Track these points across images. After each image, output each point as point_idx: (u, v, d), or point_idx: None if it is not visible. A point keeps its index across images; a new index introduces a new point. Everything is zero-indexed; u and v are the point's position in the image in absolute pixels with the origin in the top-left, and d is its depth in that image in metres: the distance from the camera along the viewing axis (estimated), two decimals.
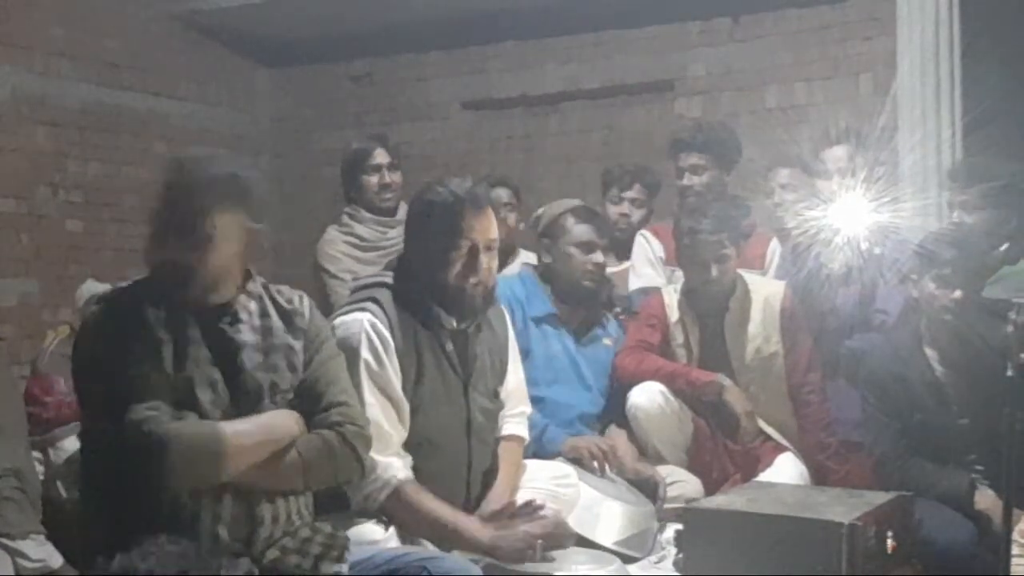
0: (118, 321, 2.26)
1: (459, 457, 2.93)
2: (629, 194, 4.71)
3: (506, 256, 4.36)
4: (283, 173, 7.45)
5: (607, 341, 3.90)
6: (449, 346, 2.91)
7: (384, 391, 2.77)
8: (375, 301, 2.84)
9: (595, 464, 3.50)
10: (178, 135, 6.88)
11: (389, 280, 2.94)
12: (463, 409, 2.93)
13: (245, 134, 7.31)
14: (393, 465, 2.74)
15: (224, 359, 2.32)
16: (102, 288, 4.97)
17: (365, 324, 2.77)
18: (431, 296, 2.87)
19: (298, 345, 2.42)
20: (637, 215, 4.68)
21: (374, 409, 2.72)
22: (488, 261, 2.89)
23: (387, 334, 2.79)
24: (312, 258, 4.55)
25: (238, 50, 7.27)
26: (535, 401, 3.32)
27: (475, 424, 2.96)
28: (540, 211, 4.01)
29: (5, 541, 3.56)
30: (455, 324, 2.90)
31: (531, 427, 3.26)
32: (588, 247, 3.74)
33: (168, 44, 6.82)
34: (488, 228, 2.88)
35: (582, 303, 3.82)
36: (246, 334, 2.36)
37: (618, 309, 4.24)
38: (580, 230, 3.75)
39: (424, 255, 2.88)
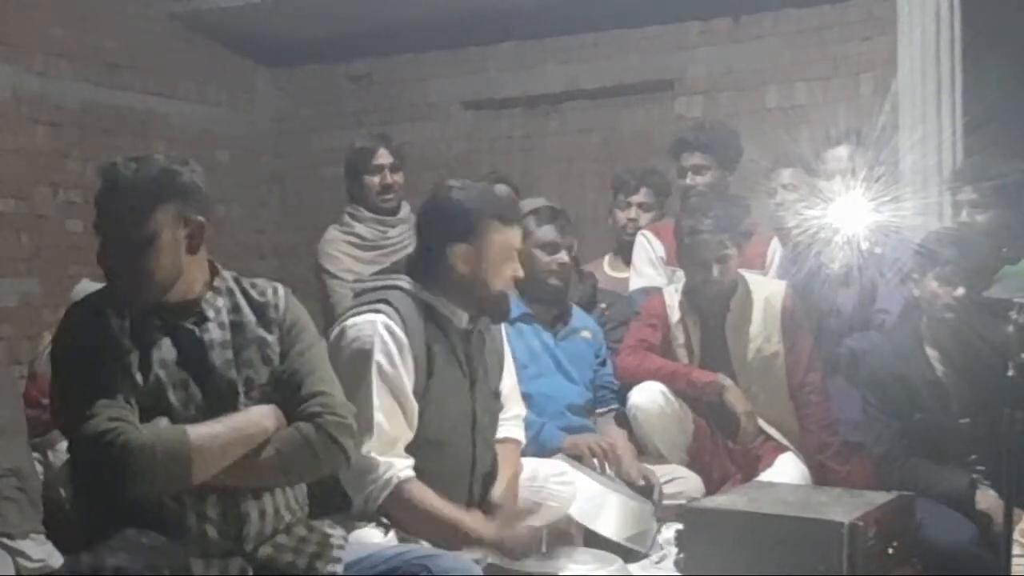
0: (82, 331, 2.24)
1: (463, 457, 2.93)
2: (636, 198, 4.70)
3: None
4: (283, 173, 7.45)
5: (585, 334, 3.89)
6: (459, 348, 2.91)
7: (395, 393, 2.75)
8: (387, 302, 2.82)
9: (595, 461, 3.51)
10: (178, 135, 6.87)
11: (399, 282, 2.91)
12: (469, 408, 2.93)
13: (245, 134, 7.30)
14: (394, 465, 2.73)
15: (193, 359, 2.30)
16: (96, 285, 4.99)
17: (379, 326, 2.76)
18: (472, 302, 2.89)
19: (272, 338, 2.39)
20: (645, 219, 4.66)
21: (380, 412, 2.71)
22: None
23: (402, 335, 2.77)
24: (313, 258, 4.55)
25: (238, 50, 7.26)
26: (523, 397, 3.32)
27: (480, 423, 2.96)
28: None
29: (6, 541, 3.55)
30: (464, 323, 2.91)
31: (527, 426, 3.27)
32: (552, 248, 3.72)
33: (168, 44, 6.82)
34: (521, 236, 3.01)
35: (551, 302, 3.80)
36: (214, 332, 2.33)
37: (603, 305, 4.23)
38: (543, 232, 3.72)
39: (467, 262, 2.86)
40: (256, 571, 2.28)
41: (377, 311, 2.79)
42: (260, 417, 2.32)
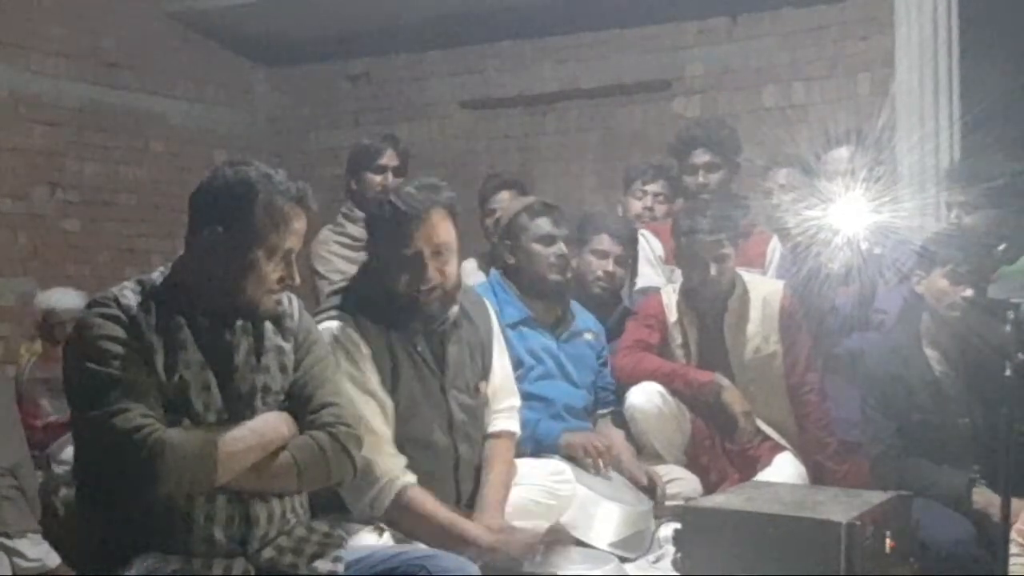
0: (110, 328, 2.24)
1: (445, 455, 2.93)
2: (653, 187, 4.67)
3: None
4: None
5: (588, 336, 3.86)
6: (421, 346, 2.90)
7: (367, 392, 2.77)
8: (342, 308, 2.85)
9: (590, 461, 3.50)
10: (176, 134, 6.88)
11: (353, 284, 2.96)
12: (444, 407, 2.93)
13: (243, 133, 7.30)
14: (393, 469, 2.75)
15: (217, 362, 2.32)
16: (55, 296, 5.02)
17: (335, 332, 2.78)
18: (387, 303, 2.87)
19: (288, 347, 2.43)
20: (660, 210, 4.64)
21: (365, 413, 2.73)
22: (440, 265, 2.86)
23: (357, 337, 2.80)
24: (307, 259, 4.55)
25: (236, 49, 7.26)
26: (523, 397, 3.31)
27: (456, 422, 2.95)
28: (497, 214, 3.95)
29: (2, 540, 3.56)
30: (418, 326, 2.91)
31: (523, 424, 3.26)
32: (549, 240, 3.66)
33: (166, 43, 6.82)
34: (435, 233, 2.84)
35: (552, 297, 3.75)
36: (238, 336, 2.36)
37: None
38: (539, 224, 3.67)
39: (377, 266, 2.90)
40: (258, 572, 2.28)
41: (331, 317, 2.82)
42: (278, 423, 2.35)
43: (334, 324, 2.80)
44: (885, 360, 3.44)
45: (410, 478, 2.77)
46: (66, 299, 4.97)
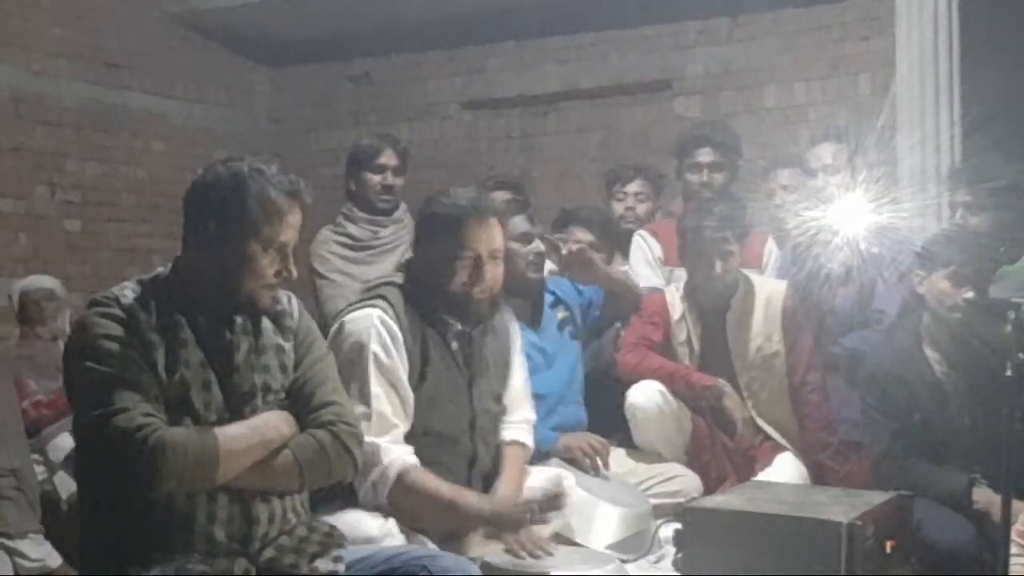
0: (111, 327, 2.23)
1: (462, 454, 2.96)
2: (632, 188, 4.72)
3: None
4: None
5: (561, 314, 3.89)
6: (455, 346, 2.96)
7: (391, 382, 2.82)
8: (384, 298, 2.91)
9: (589, 462, 3.52)
10: (176, 135, 6.88)
11: (396, 279, 3.01)
12: (468, 408, 2.97)
13: (243, 134, 7.30)
14: (397, 451, 2.78)
15: (217, 361, 2.32)
16: (25, 280, 5.04)
17: (375, 319, 2.84)
18: (437, 301, 2.92)
19: (288, 345, 2.43)
20: (642, 209, 4.69)
21: (380, 400, 2.78)
22: (492, 270, 2.94)
23: (395, 328, 2.85)
24: (307, 258, 4.55)
25: (237, 50, 7.27)
26: None
27: (479, 423, 2.99)
28: None
29: (4, 541, 3.56)
30: (460, 326, 2.95)
31: None
32: (526, 238, 3.68)
33: (167, 43, 6.82)
34: (492, 238, 2.94)
35: (528, 294, 3.76)
36: (239, 335, 2.36)
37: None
38: (516, 223, 3.65)
39: (430, 263, 2.95)
40: (259, 572, 2.29)
41: (373, 306, 2.88)
42: (279, 422, 2.35)
43: (375, 312, 2.86)
44: (886, 361, 3.44)
45: (413, 460, 2.80)
46: (36, 280, 5.05)
